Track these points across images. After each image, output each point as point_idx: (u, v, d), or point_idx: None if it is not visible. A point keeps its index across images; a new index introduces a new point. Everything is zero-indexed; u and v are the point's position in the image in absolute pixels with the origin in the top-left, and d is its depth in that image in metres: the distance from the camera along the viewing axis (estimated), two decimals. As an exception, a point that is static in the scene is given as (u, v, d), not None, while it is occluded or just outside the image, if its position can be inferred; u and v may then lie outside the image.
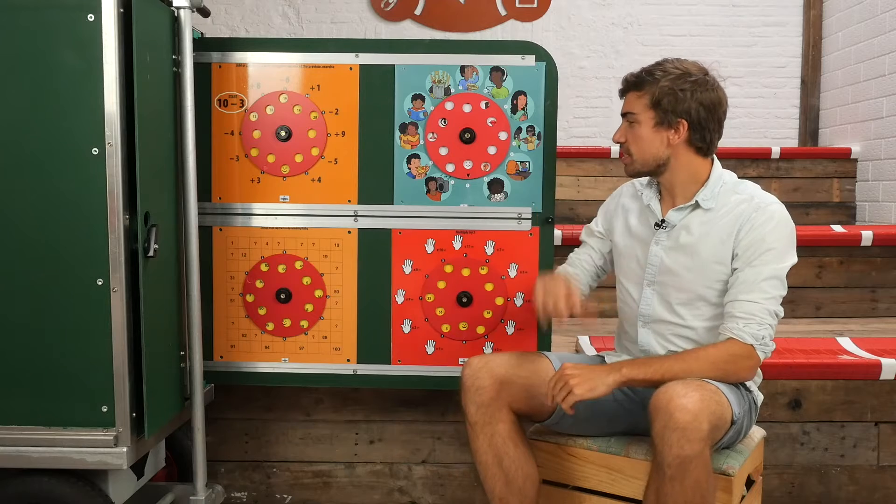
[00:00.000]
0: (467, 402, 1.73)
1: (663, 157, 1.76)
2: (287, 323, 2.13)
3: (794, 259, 1.71)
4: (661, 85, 1.74)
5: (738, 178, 1.82)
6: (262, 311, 2.13)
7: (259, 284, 2.12)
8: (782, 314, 1.70)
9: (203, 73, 2.06)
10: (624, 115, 1.79)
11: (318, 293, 2.12)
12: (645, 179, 1.89)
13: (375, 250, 2.11)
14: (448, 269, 2.11)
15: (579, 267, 1.98)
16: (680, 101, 1.72)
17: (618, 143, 1.81)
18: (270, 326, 2.13)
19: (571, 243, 2.12)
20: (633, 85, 1.77)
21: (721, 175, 1.79)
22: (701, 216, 1.76)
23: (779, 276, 1.68)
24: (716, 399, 1.54)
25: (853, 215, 4.23)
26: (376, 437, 2.39)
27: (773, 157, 4.24)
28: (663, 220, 1.80)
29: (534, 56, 2.06)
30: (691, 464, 1.46)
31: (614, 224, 1.93)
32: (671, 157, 1.76)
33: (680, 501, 1.48)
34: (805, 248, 3.18)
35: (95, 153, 1.68)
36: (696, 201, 1.76)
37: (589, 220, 2.05)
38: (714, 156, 1.81)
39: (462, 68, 2.07)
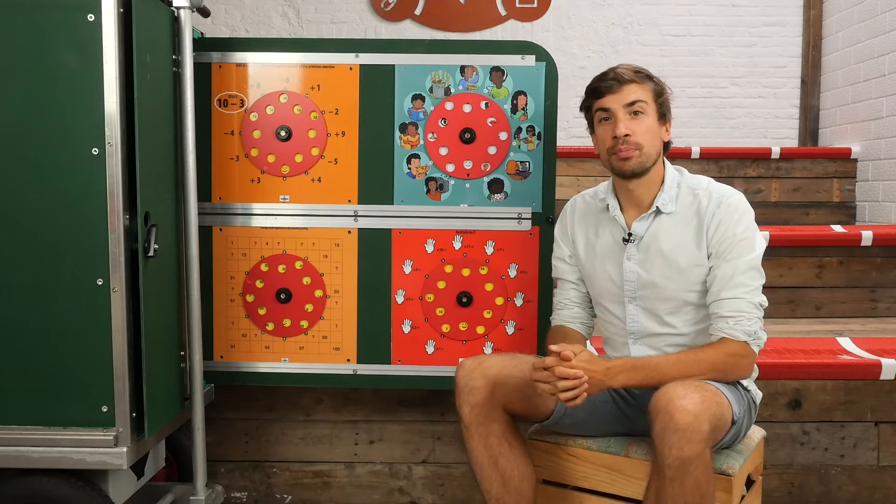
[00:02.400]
0: (461, 404, 1.72)
1: (659, 153, 1.76)
2: (287, 323, 2.13)
3: (763, 245, 1.71)
4: (656, 80, 1.75)
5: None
6: (262, 311, 2.13)
7: (259, 284, 2.12)
8: (766, 304, 1.70)
9: (203, 73, 2.06)
10: (630, 104, 1.70)
11: (318, 293, 2.12)
12: (603, 190, 1.86)
13: (375, 250, 2.11)
14: (448, 269, 2.11)
15: (570, 307, 1.91)
16: (668, 100, 1.76)
17: (623, 136, 1.70)
18: (270, 326, 2.13)
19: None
20: (629, 79, 1.72)
21: (674, 177, 1.78)
22: (666, 221, 1.75)
23: (755, 266, 1.68)
24: (716, 400, 1.54)
25: (853, 215, 4.23)
26: (376, 437, 2.39)
27: (773, 157, 4.24)
28: (630, 234, 1.77)
29: (534, 56, 2.06)
30: (691, 465, 1.46)
31: (577, 245, 1.88)
32: (660, 155, 1.77)
33: (680, 502, 1.48)
34: (805, 248, 3.19)
35: (95, 153, 1.68)
36: (657, 207, 1.74)
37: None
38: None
39: (462, 68, 2.07)
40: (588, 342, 1.93)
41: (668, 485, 1.48)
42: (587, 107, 1.80)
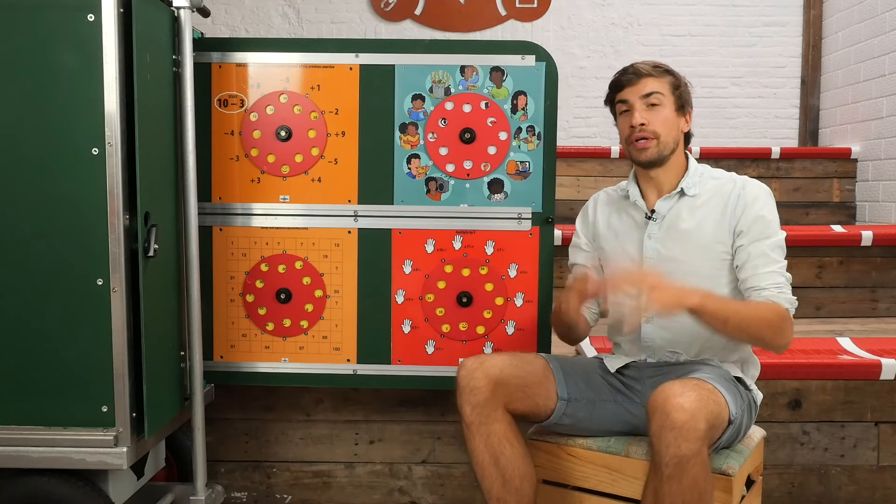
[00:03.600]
0: (462, 403, 1.73)
1: (677, 143, 1.81)
2: (287, 323, 2.13)
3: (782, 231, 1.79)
4: (675, 73, 1.83)
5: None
6: (262, 311, 2.13)
7: (259, 284, 2.12)
8: (791, 279, 1.75)
9: (203, 73, 2.06)
10: (646, 95, 1.78)
11: (318, 293, 2.12)
12: (625, 183, 1.92)
13: (375, 250, 2.11)
14: (448, 269, 2.11)
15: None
16: (686, 92, 1.83)
17: (639, 125, 1.78)
18: (270, 326, 2.13)
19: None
20: (647, 73, 1.80)
21: (696, 166, 1.85)
22: (688, 202, 1.80)
23: (781, 246, 1.76)
24: (713, 399, 1.54)
25: (853, 215, 4.23)
26: (376, 437, 2.39)
27: (773, 157, 4.24)
28: (653, 211, 1.82)
29: (534, 56, 2.06)
30: (689, 463, 1.46)
31: (598, 231, 1.93)
32: (678, 145, 1.82)
33: (678, 501, 1.48)
34: (805, 248, 3.19)
35: (95, 153, 1.68)
36: (682, 189, 1.80)
37: (589, 221, 2.04)
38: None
39: (462, 68, 2.07)
40: (587, 339, 1.93)
41: (666, 483, 1.48)
42: (610, 100, 1.88)
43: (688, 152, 1.87)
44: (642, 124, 1.78)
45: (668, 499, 1.49)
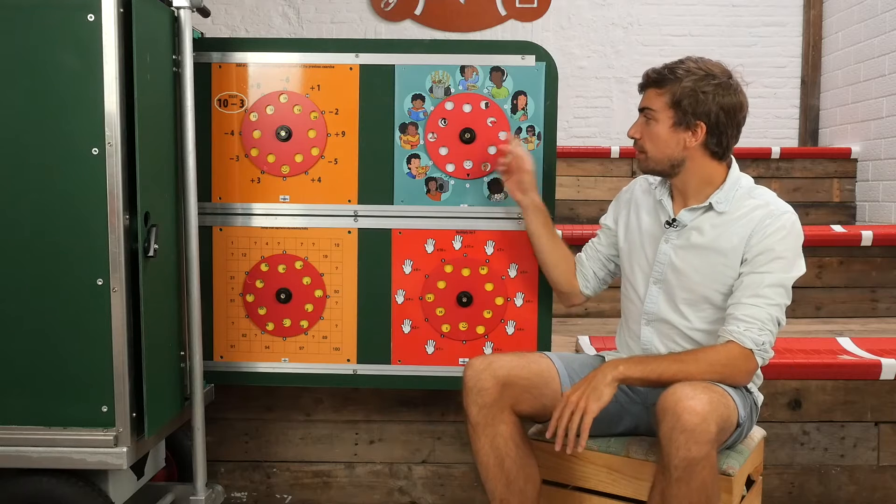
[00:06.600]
0: (469, 404, 1.72)
1: (678, 158, 1.74)
2: (287, 323, 2.13)
3: (802, 269, 1.70)
4: (684, 84, 1.70)
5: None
6: (262, 311, 2.13)
7: (259, 284, 2.12)
8: (784, 323, 1.68)
9: (203, 73, 2.06)
10: (641, 110, 1.76)
11: (318, 293, 2.12)
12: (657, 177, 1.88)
13: (375, 250, 2.11)
14: (448, 269, 2.11)
15: (584, 259, 2.00)
16: (701, 104, 1.70)
17: (632, 138, 1.78)
18: (270, 326, 2.13)
19: (571, 243, 2.12)
20: (653, 81, 1.74)
21: (738, 179, 1.77)
22: (713, 218, 1.74)
23: (784, 285, 1.67)
24: (723, 402, 1.54)
25: (853, 215, 4.24)
26: (376, 437, 2.39)
27: (773, 157, 4.25)
28: (674, 220, 1.78)
29: (534, 56, 2.06)
30: (698, 465, 1.46)
31: (622, 216, 1.92)
32: (686, 159, 1.74)
33: (685, 503, 1.48)
34: (805, 248, 3.14)
35: (95, 153, 1.68)
36: (710, 203, 1.74)
37: (589, 221, 2.05)
38: (732, 158, 1.80)
39: (462, 68, 2.07)
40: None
41: (675, 485, 1.48)
42: None
43: (734, 163, 1.80)
44: (635, 138, 1.77)
45: (675, 501, 1.49)
